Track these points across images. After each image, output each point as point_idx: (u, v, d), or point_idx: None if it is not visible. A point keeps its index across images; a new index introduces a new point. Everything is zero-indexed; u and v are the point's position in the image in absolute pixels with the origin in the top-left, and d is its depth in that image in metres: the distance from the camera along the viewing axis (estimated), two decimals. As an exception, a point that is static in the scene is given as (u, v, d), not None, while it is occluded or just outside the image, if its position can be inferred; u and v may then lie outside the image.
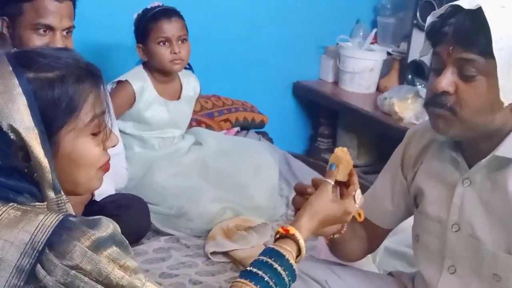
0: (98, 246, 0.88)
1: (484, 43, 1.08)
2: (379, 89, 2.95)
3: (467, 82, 1.13)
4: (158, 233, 2.08)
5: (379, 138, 2.99)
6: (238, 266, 1.91)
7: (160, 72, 2.26)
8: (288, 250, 1.09)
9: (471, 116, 1.14)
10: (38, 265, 0.85)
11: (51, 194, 0.93)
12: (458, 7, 1.12)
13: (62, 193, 0.95)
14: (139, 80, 2.24)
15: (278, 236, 1.12)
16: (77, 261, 0.86)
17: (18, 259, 0.85)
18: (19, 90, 0.90)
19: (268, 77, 2.95)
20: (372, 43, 3.00)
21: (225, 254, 1.96)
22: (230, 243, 1.97)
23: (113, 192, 1.96)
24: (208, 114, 2.66)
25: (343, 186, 1.24)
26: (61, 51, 0.99)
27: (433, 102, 1.17)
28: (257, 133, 2.78)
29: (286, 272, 1.06)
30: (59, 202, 0.94)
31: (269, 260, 1.05)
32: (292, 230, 1.10)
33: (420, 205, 1.33)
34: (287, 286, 1.06)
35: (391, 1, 3.06)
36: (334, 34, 3.01)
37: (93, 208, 1.86)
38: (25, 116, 0.90)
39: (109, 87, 2.18)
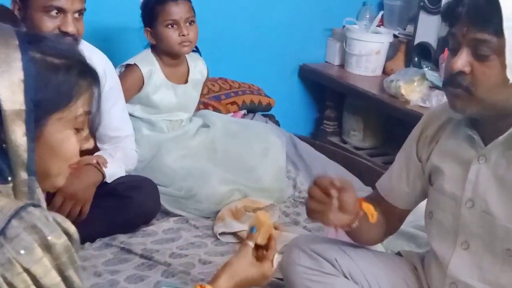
0: (54, 255, 0.84)
1: (497, 22, 1.10)
2: (386, 72, 2.96)
3: (482, 61, 1.15)
4: (168, 214, 2.10)
5: (385, 121, 3.00)
6: (248, 246, 1.93)
7: (168, 55, 2.26)
8: None
9: (486, 95, 1.16)
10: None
11: (23, 174, 0.89)
12: None
13: (35, 177, 0.91)
14: (147, 64, 2.25)
15: None
16: (29, 264, 0.81)
17: None
18: (19, 64, 0.89)
19: (274, 60, 2.96)
20: (378, 25, 2.99)
21: (234, 234, 1.98)
22: (238, 224, 1.99)
23: (123, 174, 1.99)
24: (215, 97, 2.67)
25: (262, 249, 1.25)
26: (71, 45, 1.01)
27: (450, 82, 1.19)
28: (264, 115, 2.79)
29: None
30: (31, 184, 0.90)
31: None
32: None
33: (435, 182, 1.35)
34: None
35: (398, -17, 3.05)
36: (341, 16, 3.00)
37: (104, 190, 1.89)
38: (17, 91, 0.88)
39: (117, 70, 2.18)
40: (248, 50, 2.85)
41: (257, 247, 1.24)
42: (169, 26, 2.18)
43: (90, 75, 0.99)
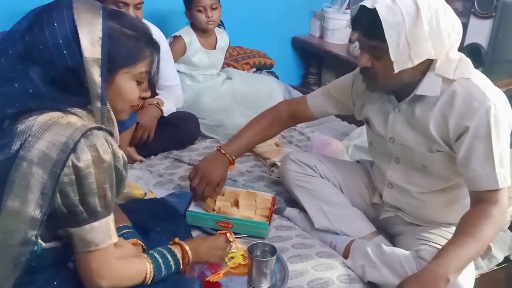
0: (102, 167, 0.81)
1: (381, 33, 1.04)
2: (351, 40, 2.83)
3: (377, 60, 1.10)
4: (205, 137, 2.08)
5: (349, 75, 2.91)
6: (258, 157, 1.93)
7: (201, 30, 2.18)
8: (177, 251, 1.07)
9: (385, 80, 1.13)
10: (69, 158, 0.80)
11: (97, 103, 0.86)
12: (365, 7, 1.07)
13: (108, 106, 0.88)
14: (188, 35, 2.16)
15: (172, 243, 1.10)
16: (85, 170, 0.80)
17: (58, 154, 0.80)
18: (99, 27, 0.85)
19: (275, 33, 2.84)
20: (346, 8, 2.85)
21: (250, 150, 1.96)
22: (251, 143, 1.97)
23: (174, 110, 1.96)
24: (235, 59, 2.59)
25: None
26: (144, 24, 0.94)
27: (361, 72, 1.17)
28: (267, 72, 2.71)
29: (173, 259, 1.04)
30: (103, 111, 0.87)
31: (164, 251, 1.04)
32: (184, 245, 1.09)
33: (369, 125, 1.33)
34: (171, 268, 1.03)
35: (361, -23, 2.88)
36: (320, 2, 2.86)
37: (163, 120, 1.87)
38: (96, 45, 0.84)
39: (168, 40, 2.11)
40: (257, 26, 2.73)
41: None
42: (199, 10, 2.09)
43: (153, 45, 0.94)
